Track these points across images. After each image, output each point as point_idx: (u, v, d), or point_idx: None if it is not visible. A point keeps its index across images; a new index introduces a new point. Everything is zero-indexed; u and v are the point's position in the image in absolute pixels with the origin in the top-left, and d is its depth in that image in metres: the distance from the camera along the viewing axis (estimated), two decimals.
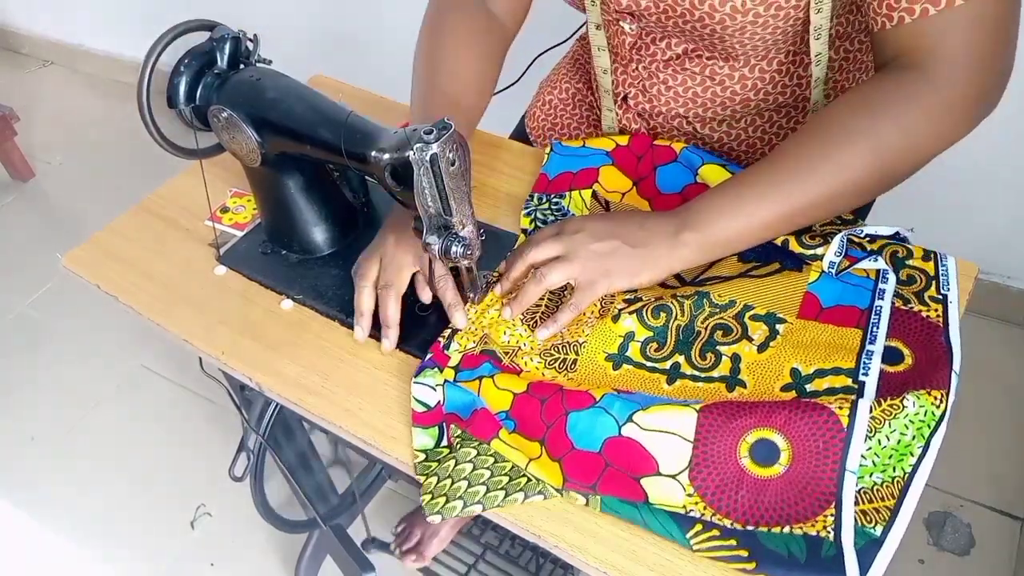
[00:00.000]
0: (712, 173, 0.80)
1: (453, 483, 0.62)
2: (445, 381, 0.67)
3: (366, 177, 0.85)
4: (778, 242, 0.72)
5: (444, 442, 0.65)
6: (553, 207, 0.83)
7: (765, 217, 0.67)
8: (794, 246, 0.71)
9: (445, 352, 0.70)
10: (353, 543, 1.34)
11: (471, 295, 0.73)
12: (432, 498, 0.61)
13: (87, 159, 2.58)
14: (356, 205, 0.87)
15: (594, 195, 0.84)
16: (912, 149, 0.64)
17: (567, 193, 0.84)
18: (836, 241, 0.69)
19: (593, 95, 0.96)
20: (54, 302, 2.09)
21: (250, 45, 0.76)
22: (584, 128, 0.98)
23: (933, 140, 0.64)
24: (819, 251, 0.70)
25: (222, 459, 1.61)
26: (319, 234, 0.82)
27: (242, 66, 0.75)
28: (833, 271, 0.70)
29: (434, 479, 0.62)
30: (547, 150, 0.90)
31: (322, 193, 0.81)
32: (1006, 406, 1.60)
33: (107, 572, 1.55)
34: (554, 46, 1.01)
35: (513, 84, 0.97)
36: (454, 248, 0.66)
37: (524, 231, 0.82)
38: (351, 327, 0.75)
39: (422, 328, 0.74)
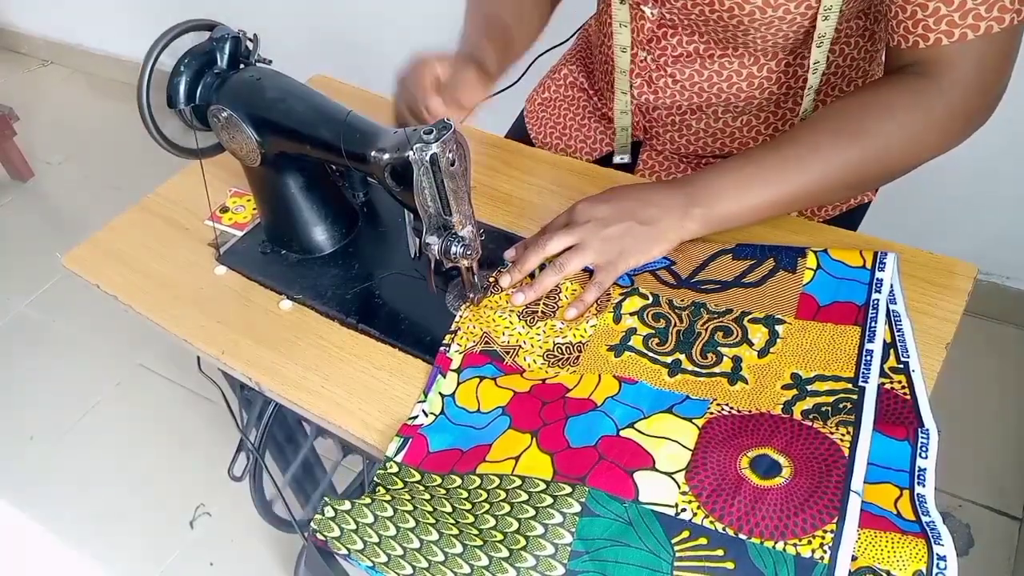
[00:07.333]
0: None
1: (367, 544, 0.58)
2: (442, 412, 0.66)
3: (366, 177, 0.85)
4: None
5: (398, 463, 0.63)
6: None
7: (768, 198, 0.70)
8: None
9: (447, 356, 0.70)
10: None
11: (470, 295, 0.73)
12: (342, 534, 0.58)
13: (87, 159, 2.58)
14: (356, 205, 0.87)
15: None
16: (914, 152, 0.69)
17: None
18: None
19: (591, 85, 0.97)
20: (54, 302, 2.09)
21: (250, 45, 0.76)
22: (579, 118, 0.99)
23: (934, 146, 0.69)
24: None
25: (222, 459, 1.60)
26: (319, 234, 0.82)
27: (242, 66, 0.75)
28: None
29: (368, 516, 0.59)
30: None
31: (322, 193, 0.81)
32: (1005, 406, 1.60)
33: (107, 572, 1.55)
34: (554, 46, 1.01)
35: (513, 84, 0.97)
36: (454, 248, 0.66)
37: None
38: (351, 327, 0.75)
39: (422, 328, 0.74)
